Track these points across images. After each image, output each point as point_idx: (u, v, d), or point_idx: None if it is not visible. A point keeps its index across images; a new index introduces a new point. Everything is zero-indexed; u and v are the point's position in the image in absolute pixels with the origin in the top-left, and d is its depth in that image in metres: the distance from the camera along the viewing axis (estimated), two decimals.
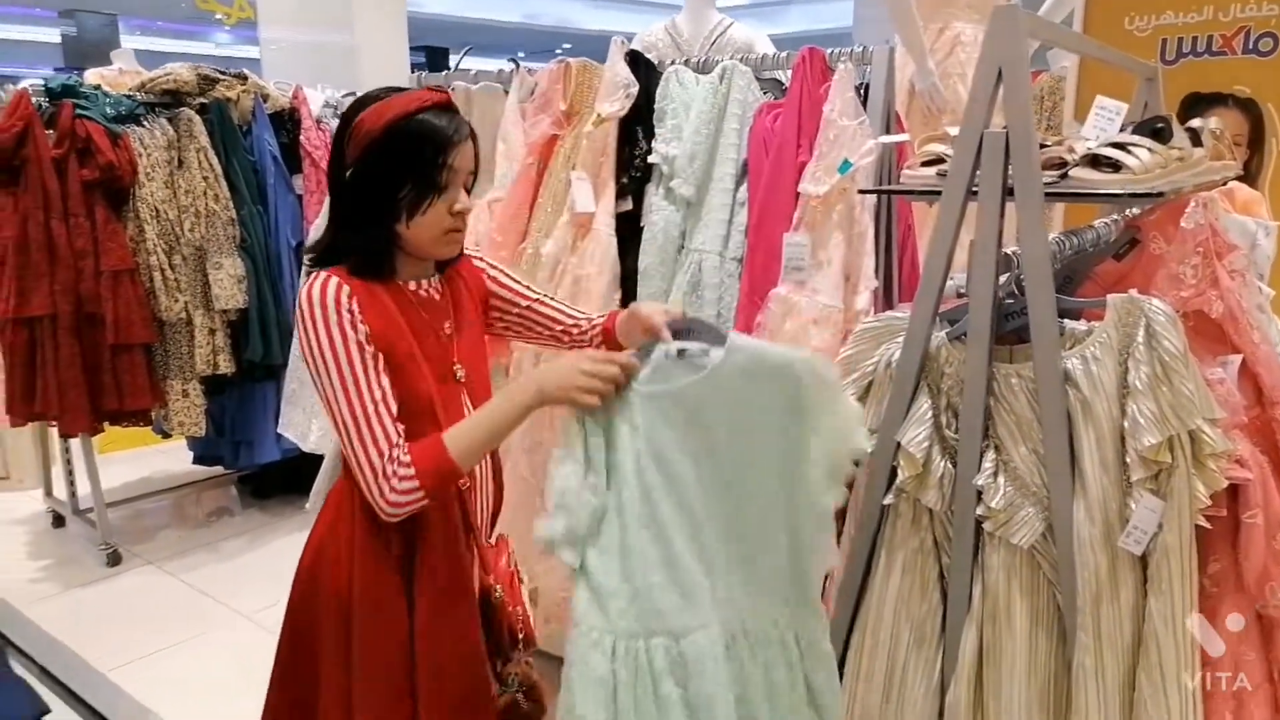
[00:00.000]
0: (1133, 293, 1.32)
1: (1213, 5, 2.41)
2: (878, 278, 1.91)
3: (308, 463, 2.68)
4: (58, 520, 3.71)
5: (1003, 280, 1.37)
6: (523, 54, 2.80)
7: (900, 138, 1.87)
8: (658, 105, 2.11)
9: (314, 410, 2.81)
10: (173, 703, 2.47)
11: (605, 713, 1.21)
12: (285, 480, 3.75)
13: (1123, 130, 1.47)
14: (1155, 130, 1.45)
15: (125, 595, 3.14)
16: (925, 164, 1.48)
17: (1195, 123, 1.68)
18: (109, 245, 3.02)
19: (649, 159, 2.10)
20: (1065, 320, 1.35)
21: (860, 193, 1.85)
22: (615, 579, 1.25)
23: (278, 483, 3.82)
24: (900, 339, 1.45)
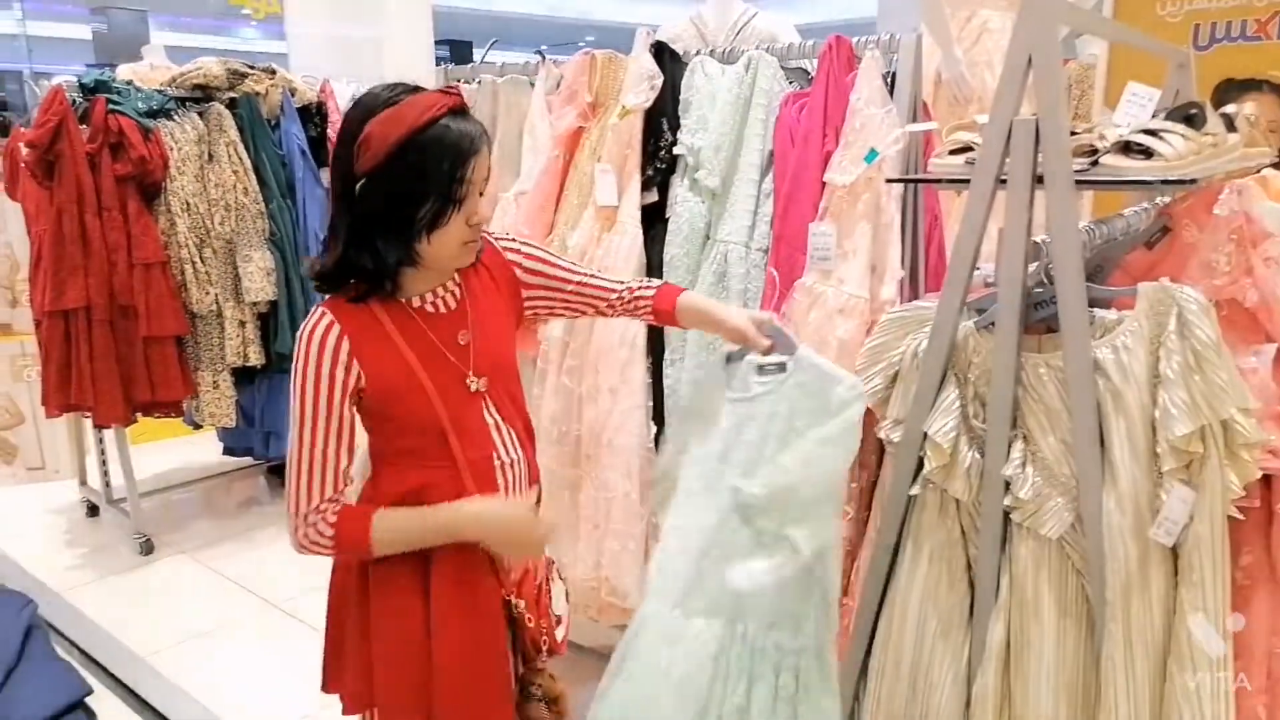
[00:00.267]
0: (1164, 281, 1.31)
1: None
2: (904, 268, 1.90)
3: None
4: (92, 510, 3.78)
5: (1032, 269, 1.36)
6: (546, 47, 2.80)
7: (928, 126, 1.86)
8: (683, 96, 2.11)
9: None
10: (206, 687, 2.52)
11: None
12: None
13: (1154, 117, 1.45)
14: (1188, 116, 1.43)
15: (158, 583, 3.20)
16: (953, 152, 1.47)
17: (1229, 108, 1.66)
18: (141, 239, 3.07)
19: (674, 150, 2.09)
20: (1095, 309, 1.33)
21: (887, 182, 1.84)
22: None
23: None
24: (927, 328, 1.44)
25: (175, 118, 3.22)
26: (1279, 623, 1.39)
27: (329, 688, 1.39)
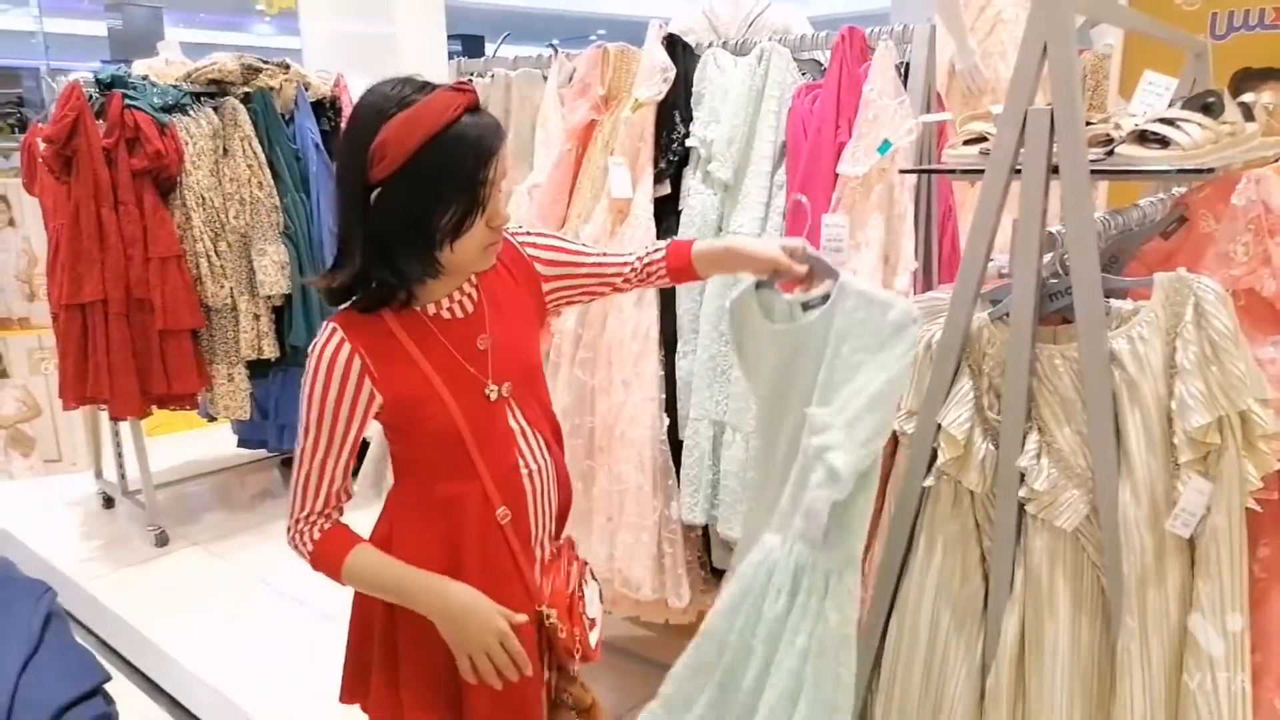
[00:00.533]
0: (1181, 271, 1.30)
1: None
2: (917, 259, 1.89)
3: None
4: (108, 501, 3.81)
5: (1047, 259, 1.35)
6: (558, 40, 2.80)
7: (941, 116, 1.85)
8: (695, 88, 2.10)
9: None
10: (220, 675, 2.54)
11: None
12: None
13: (1171, 106, 1.44)
14: (1206, 105, 1.42)
15: (173, 575, 3.23)
16: (967, 143, 1.47)
17: (1247, 97, 1.64)
18: (157, 232, 3.09)
19: (687, 143, 2.09)
20: (1111, 300, 1.32)
21: (901, 173, 1.83)
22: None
23: None
24: (941, 319, 1.43)
25: (190, 113, 3.24)
26: None
27: (348, 698, 1.36)
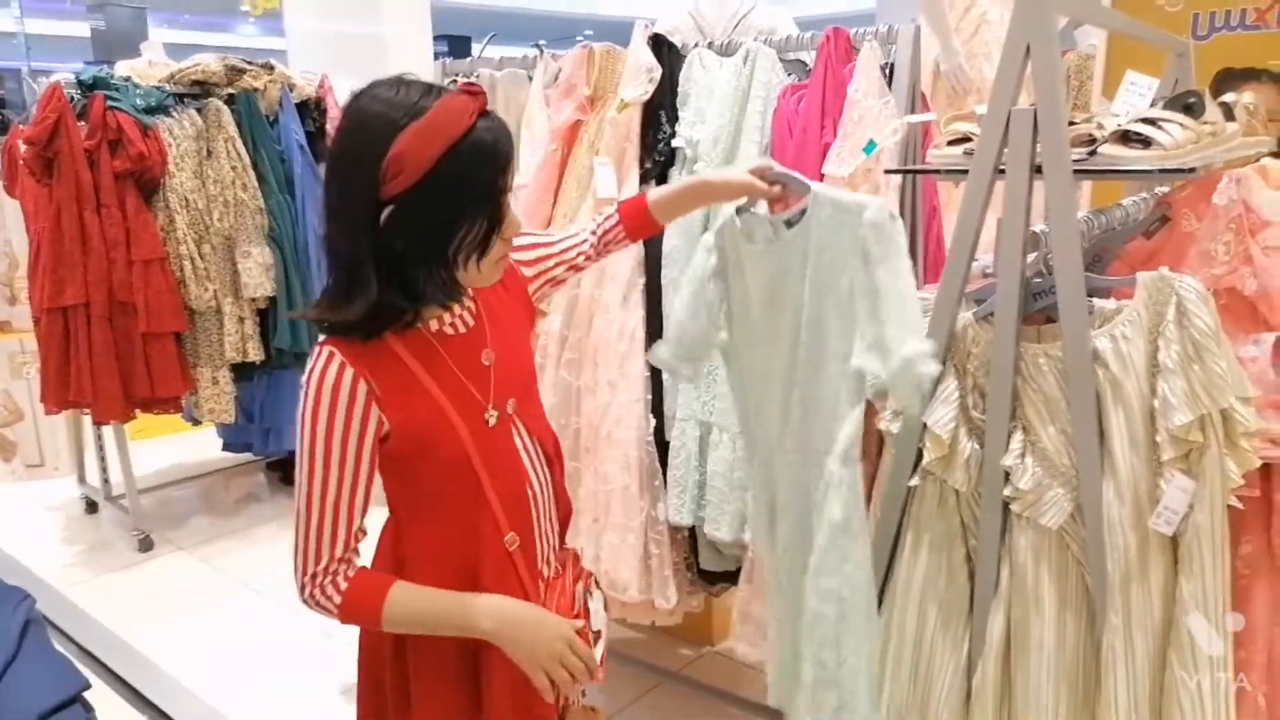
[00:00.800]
0: (1163, 270, 1.30)
1: None
2: None
3: None
4: (91, 506, 3.78)
5: (1030, 259, 1.35)
6: (544, 41, 2.80)
7: (926, 117, 1.85)
8: (681, 89, 2.10)
9: None
10: (203, 683, 2.52)
11: None
12: None
13: (1153, 106, 1.45)
14: (1187, 105, 1.43)
15: (157, 580, 3.21)
16: (951, 143, 1.47)
17: (1228, 97, 1.65)
18: (140, 235, 3.07)
19: (673, 143, 2.09)
20: (1094, 299, 1.33)
21: (886, 173, 1.84)
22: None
23: None
24: (925, 319, 1.44)
25: (174, 114, 3.22)
26: (1279, 613, 1.39)
27: None
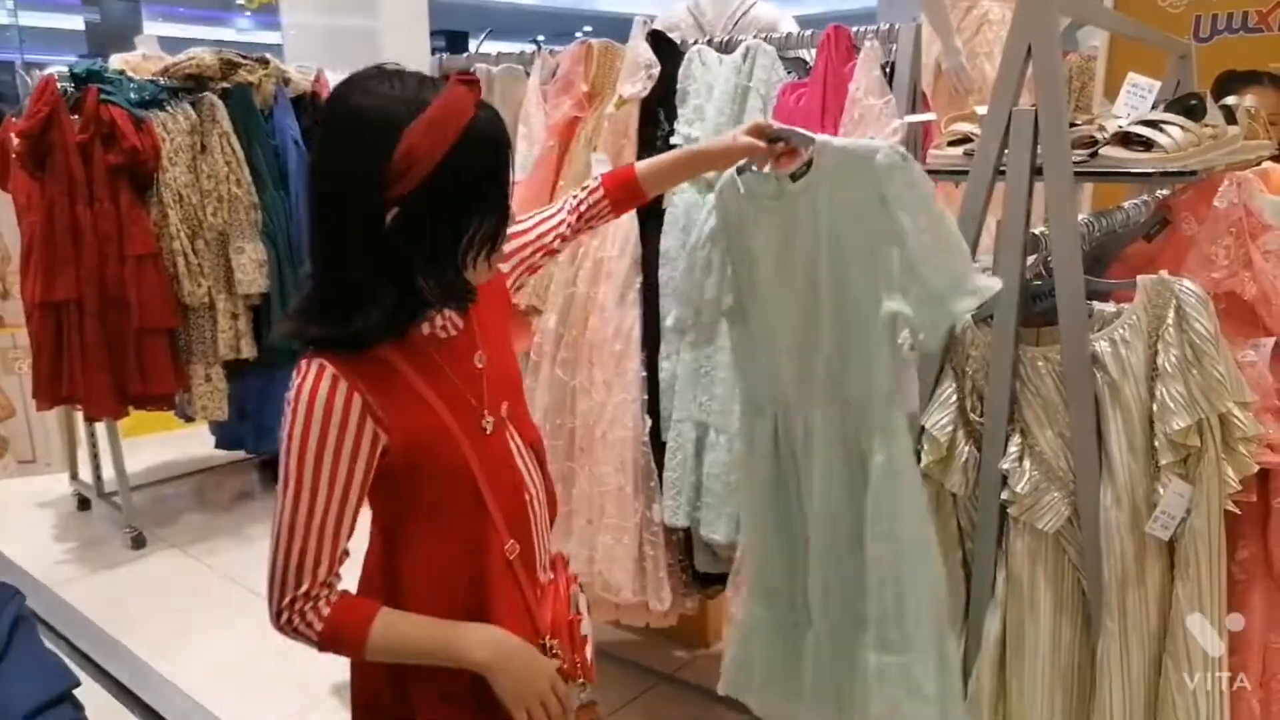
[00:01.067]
0: (1163, 274, 1.30)
1: None
2: None
3: None
4: (83, 503, 3.76)
5: (1030, 261, 1.35)
6: (543, 37, 2.79)
7: (927, 117, 1.84)
8: (680, 86, 2.09)
9: None
10: (194, 681, 2.51)
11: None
12: None
13: (1155, 108, 1.44)
14: (1188, 108, 1.42)
15: (149, 578, 3.19)
16: (952, 143, 1.46)
17: (1230, 100, 1.65)
18: (133, 230, 3.05)
19: (671, 140, 2.08)
20: (1093, 302, 1.32)
21: None
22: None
23: None
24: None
25: (168, 108, 3.19)
26: (1275, 618, 1.39)
27: None
